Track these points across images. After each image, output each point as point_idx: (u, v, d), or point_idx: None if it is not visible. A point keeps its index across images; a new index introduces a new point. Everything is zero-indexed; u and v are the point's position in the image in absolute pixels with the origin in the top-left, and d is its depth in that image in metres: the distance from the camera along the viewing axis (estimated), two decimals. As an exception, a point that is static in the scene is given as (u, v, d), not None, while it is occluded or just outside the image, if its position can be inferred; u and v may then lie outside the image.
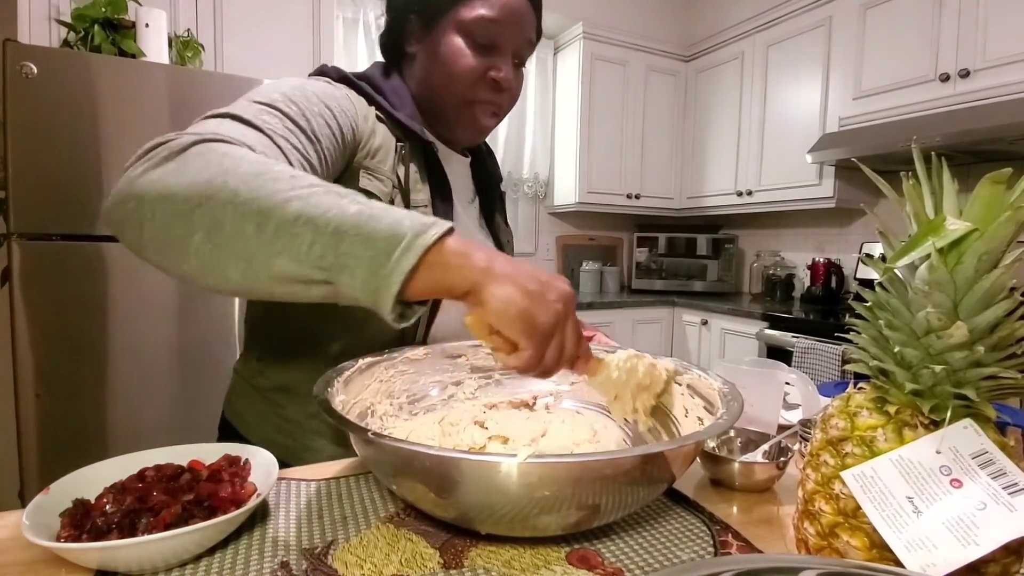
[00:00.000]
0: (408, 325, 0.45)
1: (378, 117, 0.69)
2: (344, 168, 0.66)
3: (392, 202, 0.67)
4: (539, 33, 0.76)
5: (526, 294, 0.42)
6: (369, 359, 0.66)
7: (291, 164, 0.53)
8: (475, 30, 0.68)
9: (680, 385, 0.66)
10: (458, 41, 0.69)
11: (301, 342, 0.73)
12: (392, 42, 0.77)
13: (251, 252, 0.42)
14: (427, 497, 0.47)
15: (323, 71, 0.71)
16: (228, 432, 0.78)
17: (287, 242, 0.41)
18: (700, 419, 0.60)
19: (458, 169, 0.81)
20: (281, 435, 0.73)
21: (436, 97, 0.73)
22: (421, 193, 0.70)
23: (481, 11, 0.68)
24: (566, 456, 0.42)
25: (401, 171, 0.69)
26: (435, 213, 0.70)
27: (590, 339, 0.85)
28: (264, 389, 0.75)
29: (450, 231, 0.43)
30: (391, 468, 0.48)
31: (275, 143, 0.53)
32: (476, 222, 0.84)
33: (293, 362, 0.73)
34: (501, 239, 0.86)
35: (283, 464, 0.71)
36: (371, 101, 0.70)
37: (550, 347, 0.45)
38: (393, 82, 0.74)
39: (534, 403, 0.75)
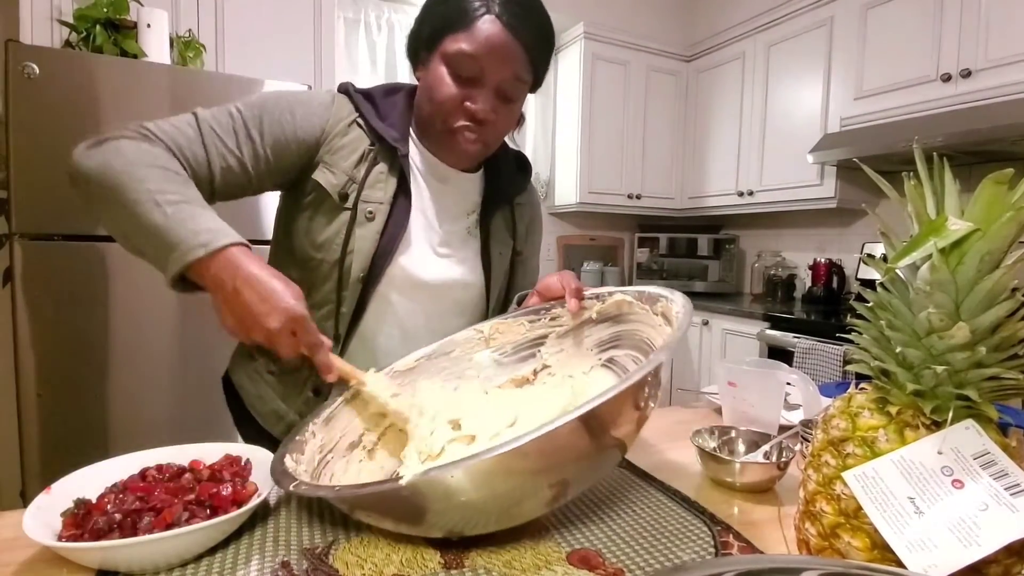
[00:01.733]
0: (188, 292, 0.62)
1: (357, 123, 0.77)
2: (309, 158, 0.76)
3: (346, 194, 0.75)
4: (536, 74, 0.78)
5: (239, 307, 0.58)
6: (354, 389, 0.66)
7: (207, 154, 0.69)
8: (457, 62, 0.73)
9: (657, 316, 0.65)
10: (442, 71, 0.74)
11: None
12: (413, 69, 0.84)
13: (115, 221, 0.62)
14: (398, 526, 0.48)
15: (339, 87, 0.82)
16: (226, 381, 0.89)
17: (130, 223, 0.60)
18: None
19: (456, 182, 0.85)
20: (248, 381, 0.83)
21: (425, 121, 0.79)
22: (380, 191, 0.76)
23: (462, 45, 0.72)
24: (446, 467, 0.41)
25: (363, 169, 0.76)
26: (392, 209, 0.77)
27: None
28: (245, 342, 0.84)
29: (221, 249, 0.57)
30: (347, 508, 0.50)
31: (203, 142, 0.68)
32: (463, 231, 0.86)
33: None
34: (492, 250, 0.87)
35: (244, 406, 0.83)
36: (357, 109, 0.78)
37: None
38: (394, 98, 0.81)
39: (535, 377, 0.75)
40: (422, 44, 0.78)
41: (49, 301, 1.52)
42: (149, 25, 1.75)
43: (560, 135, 3.06)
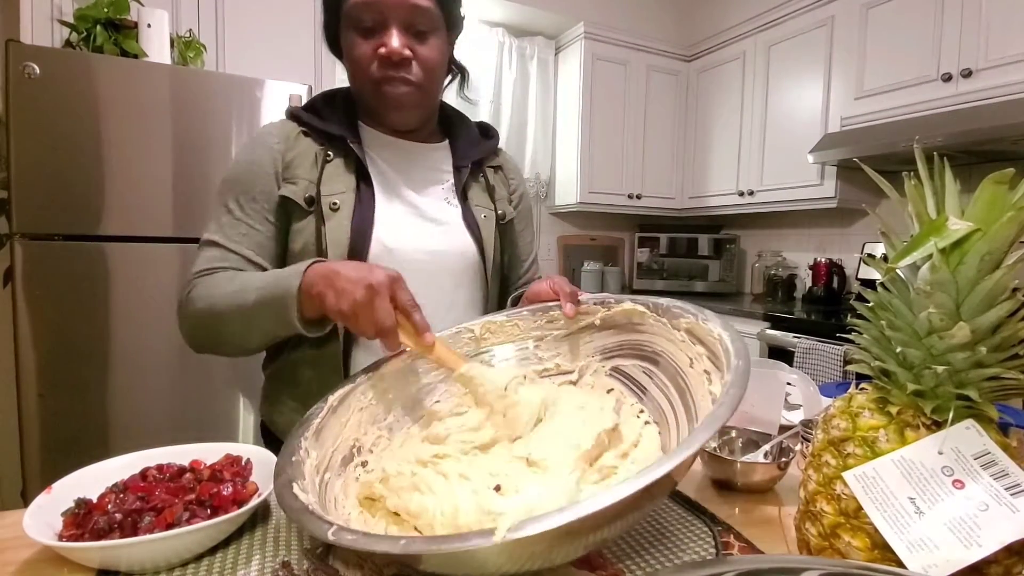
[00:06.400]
0: (323, 332, 0.68)
1: (304, 133, 0.81)
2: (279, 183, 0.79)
3: (311, 197, 0.77)
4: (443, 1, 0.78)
5: (335, 292, 0.60)
6: (339, 392, 0.61)
7: (237, 253, 0.77)
8: (357, 17, 0.75)
9: (679, 331, 0.60)
10: (351, 35, 0.77)
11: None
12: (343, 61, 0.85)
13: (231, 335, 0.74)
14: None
15: (285, 112, 0.85)
16: (266, 432, 0.89)
17: (248, 325, 0.70)
18: (707, 372, 0.54)
19: (420, 154, 0.87)
20: (274, 413, 0.84)
21: (358, 92, 0.82)
22: (339, 183, 0.79)
23: None
24: (545, 519, 0.35)
25: (318, 168, 0.79)
26: (357, 197, 0.79)
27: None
28: (268, 377, 0.87)
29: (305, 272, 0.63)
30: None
31: (229, 249, 0.77)
32: (441, 201, 0.87)
33: (280, 350, 0.83)
34: (475, 214, 0.88)
35: (276, 438, 0.83)
36: (299, 122, 0.81)
37: (359, 321, 0.59)
38: (334, 102, 0.84)
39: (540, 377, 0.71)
40: (335, 25, 0.80)
41: (49, 301, 1.52)
42: (149, 25, 1.75)
43: (560, 135, 3.06)
